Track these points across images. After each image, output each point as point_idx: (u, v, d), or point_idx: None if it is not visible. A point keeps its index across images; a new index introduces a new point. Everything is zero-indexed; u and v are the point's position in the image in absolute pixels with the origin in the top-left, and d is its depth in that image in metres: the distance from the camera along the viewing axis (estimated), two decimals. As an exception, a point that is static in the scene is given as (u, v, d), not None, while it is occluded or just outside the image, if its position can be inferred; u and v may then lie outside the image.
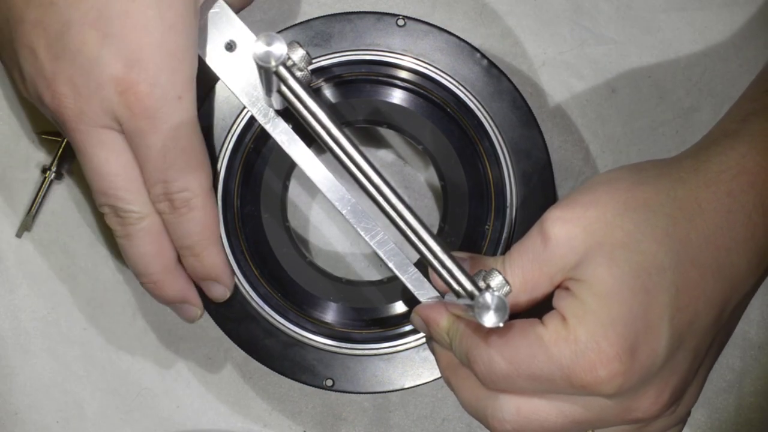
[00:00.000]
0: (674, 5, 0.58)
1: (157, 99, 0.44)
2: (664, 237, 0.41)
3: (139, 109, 0.44)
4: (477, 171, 0.53)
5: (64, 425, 0.56)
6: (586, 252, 0.41)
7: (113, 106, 0.44)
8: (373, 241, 0.48)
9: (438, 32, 0.52)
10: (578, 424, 0.42)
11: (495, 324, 0.39)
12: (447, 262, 0.43)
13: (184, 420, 0.57)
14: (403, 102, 0.54)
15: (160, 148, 0.45)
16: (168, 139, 0.45)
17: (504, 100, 0.52)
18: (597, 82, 0.57)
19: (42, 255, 0.57)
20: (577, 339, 0.39)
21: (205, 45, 0.48)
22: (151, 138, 0.45)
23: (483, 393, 0.43)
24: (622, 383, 0.39)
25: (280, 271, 0.54)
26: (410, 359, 0.51)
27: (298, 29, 0.52)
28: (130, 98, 0.44)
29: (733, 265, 0.42)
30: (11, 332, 0.57)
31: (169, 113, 0.45)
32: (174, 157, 0.46)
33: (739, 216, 0.42)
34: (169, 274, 0.49)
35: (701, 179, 0.43)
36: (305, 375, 0.51)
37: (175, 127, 0.45)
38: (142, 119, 0.44)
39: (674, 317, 0.40)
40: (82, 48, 0.43)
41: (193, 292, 0.51)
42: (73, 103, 0.44)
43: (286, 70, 0.41)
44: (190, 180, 0.47)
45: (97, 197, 0.47)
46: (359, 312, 0.54)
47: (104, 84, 0.44)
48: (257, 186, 0.54)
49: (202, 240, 0.49)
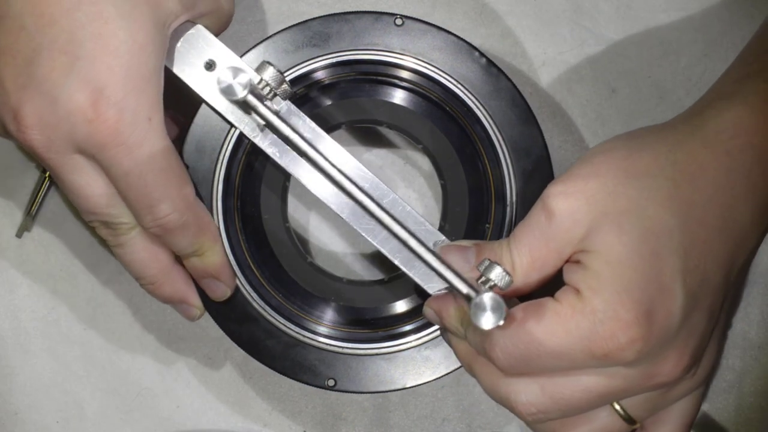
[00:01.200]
0: (674, 5, 0.58)
1: (127, 124, 0.43)
2: (668, 200, 0.41)
3: (110, 138, 0.43)
4: (476, 169, 0.53)
5: (64, 425, 0.56)
6: (591, 223, 0.41)
7: (82, 137, 0.43)
8: (376, 240, 0.48)
9: (436, 31, 0.52)
10: (603, 396, 0.42)
11: (493, 325, 0.39)
12: (437, 266, 0.43)
13: (184, 420, 0.57)
14: (402, 101, 0.54)
15: (137, 174, 0.45)
16: (143, 162, 0.44)
17: (503, 99, 0.52)
18: (597, 82, 0.57)
19: (42, 255, 0.57)
20: (594, 309, 0.40)
21: (184, 66, 0.48)
22: (126, 164, 0.44)
23: (504, 378, 0.43)
24: (642, 348, 0.40)
25: (281, 272, 0.54)
26: (412, 358, 0.51)
27: (296, 30, 0.52)
28: (99, 127, 0.43)
29: (736, 222, 0.42)
30: (11, 332, 0.57)
31: (141, 136, 0.44)
32: (154, 178, 0.45)
33: (738, 175, 0.42)
34: (166, 276, 0.49)
35: (699, 141, 0.43)
36: (307, 375, 0.51)
37: (149, 149, 0.44)
38: (113, 147, 0.43)
39: (686, 278, 0.40)
40: (49, 75, 0.43)
41: (192, 292, 0.51)
42: (40, 135, 0.43)
43: (254, 97, 0.42)
44: (175, 199, 0.46)
45: (84, 215, 0.47)
46: (360, 311, 0.54)
47: (71, 113, 0.43)
48: (257, 187, 0.54)
49: (202, 245, 0.49)
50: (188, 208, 0.47)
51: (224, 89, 0.40)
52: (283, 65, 0.52)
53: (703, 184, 0.42)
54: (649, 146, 0.43)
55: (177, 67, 0.48)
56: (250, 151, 0.53)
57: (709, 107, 0.44)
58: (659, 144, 0.43)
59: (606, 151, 0.43)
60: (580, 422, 0.45)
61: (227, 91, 0.40)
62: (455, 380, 0.56)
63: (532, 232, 0.42)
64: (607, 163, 0.43)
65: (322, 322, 0.53)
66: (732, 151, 0.43)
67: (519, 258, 0.43)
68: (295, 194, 0.57)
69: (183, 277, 0.50)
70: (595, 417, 0.45)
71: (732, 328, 0.56)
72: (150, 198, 0.45)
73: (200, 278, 0.50)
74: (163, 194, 0.46)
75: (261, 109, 0.43)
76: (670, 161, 0.42)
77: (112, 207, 0.46)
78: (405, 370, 0.51)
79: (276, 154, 0.49)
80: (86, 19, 0.42)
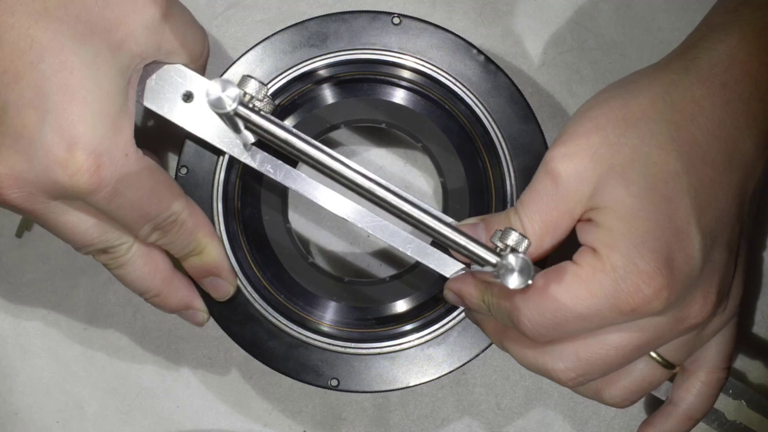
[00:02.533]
0: (674, 5, 0.58)
1: (106, 167, 0.43)
2: (670, 143, 0.41)
3: (93, 185, 0.43)
4: (476, 167, 0.53)
5: (64, 425, 0.56)
6: (598, 179, 0.41)
7: (64, 189, 0.43)
8: (384, 236, 0.48)
9: (434, 29, 0.52)
10: (638, 349, 0.43)
11: (521, 285, 0.38)
12: (457, 239, 0.43)
13: (184, 420, 0.57)
14: (401, 100, 0.54)
15: (129, 205, 0.45)
16: (133, 192, 0.45)
17: (502, 96, 0.52)
18: (597, 82, 0.57)
19: (42, 255, 0.57)
20: (614, 266, 0.40)
21: (162, 103, 0.48)
22: (116, 201, 0.44)
23: (537, 348, 0.43)
24: (669, 295, 0.40)
25: (283, 273, 0.54)
26: (414, 357, 0.51)
27: (294, 30, 0.52)
28: (80, 178, 0.42)
29: (741, 153, 0.42)
30: (11, 332, 0.57)
31: (123, 173, 0.44)
32: (147, 201, 0.45)
33: (737, 105, 0.42)
34: (169, 285, 0.50)
35: (693, 77, 0.43)
36: (310, 376, 0.51)
37: (135, 180, 0.44)
38: (98, 192, 0.43)
39: (700, 218, 0.40)
40: (21, 132, 0.42)
41: (196, 296, 0.51)
42: (19, 191, 0.43)
43: (245, 108, 0.41)
44: (171, 207, 0.47)
45: (78, 249, 0.47)
46: (362, 311, 0.54)
47: (49, 168, 0.42)
48: (257, 188, 0.54)
49: (200, 241, 0.49)
50: (182, 208, 0.47)
51: (213, 102, 0.40)
52: (282, 66, 0.52)
53: (704, 121, 0.42)
54: (645, 90, 0.43)
55: (155, 104, 0.48)
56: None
57: (702, 40, 0.44)
58: (654, 86, 0.43)
59: (602, 103, 0.43)
60: (620, 376, 0.45)
61: (216, 104, 0.40)
62: (455, 380, 0.56)
63: (540, 197, 0.42)
64: (605, 116, 0.42)
65: (323, 322, 0.53)
66: (728, 82, 0.42)
67: (530, 224, 0.42)
68: (295, 195, 0.57)
69: (185, 283, 0.50)
70: (635, 369, 0.45)
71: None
72: (146, 217, 0.46)
73: (202, 278, 0.50)
74: (157, 210, 0.46)
75: (254, 118, 0.42)
76: (667, 103, 0.42)
77: (106, 234, 0.46)
78: (408, 369, 0.51)
79: (270, 171, 0.49)
80: (51, 71, 0.42)
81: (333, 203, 0.49)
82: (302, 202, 0.57)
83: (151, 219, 0.46)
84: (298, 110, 0.54)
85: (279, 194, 0.54)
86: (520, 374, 0.56)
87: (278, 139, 0.43)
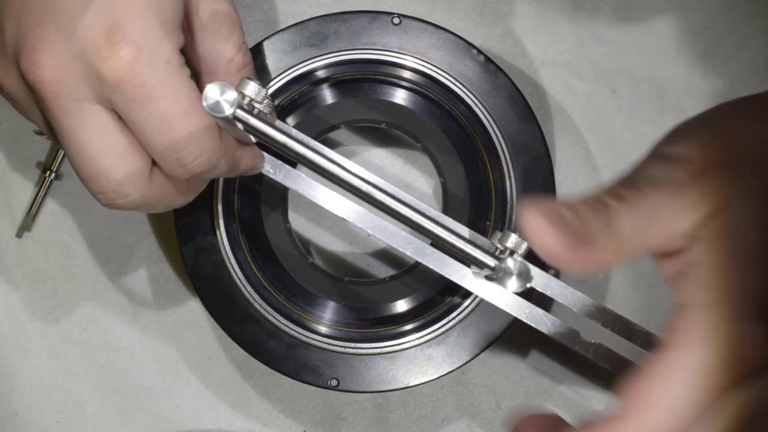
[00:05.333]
0: (674, 5, 0.58)
1: (144, 64, 0.40)
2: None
3: (126, 77, 0.40)
4: (476, 167, 0.53)
5: (64, 425, 0.56)
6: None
7: (94, 75, 0.40)
8: (384, 236, 0.47)
9: (434, 29, 0.52)
10: None
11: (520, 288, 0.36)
12: (454, 241, 0.42)
13: (184, 420, 0.57)
14: (400, 100, 0.54)
15: (159, 118, 0.41)
16: (166, 106, 0.40)
17: (502, 96, 0.52)
18: (597, 82, 0.57)
19: (42, 255, 0.57)
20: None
21: None
22: (146, 108, 0.40)
23: None
24: None
25: (283, 273, 0.54)
26: (414, 357, 0.51)
27: (293, 30, 0.52)
28: (113, 65, 0.39)
29: None
30: (11, 332, 0.57)
31: (160, 78, 0.40)
32: (179, 123, 0.41)
33: None
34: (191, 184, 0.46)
35: None
36: (310, 376, 0.51)
37: (171, 92, 0.41)
38: (130, 88, 0.40)
39: None
40: (67, 8, 0.39)
41: (248, 152, 0.46)
42: (51, 73, 0.40)
43: (243, 112, 0.41)
44: (202, 142, 0.42)
45: (86, 184, 0.43)
46: (362, 311, 0.54)
47: (85, 49, 0.40)
48: (257, 188, 0.54)
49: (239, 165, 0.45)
50: (213, 146, 0.43)
51: (211, 106, 0.39)
52: (281, 66, 0.52)
53: None
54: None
55: None
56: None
57: None
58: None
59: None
60: None
61: (214, 108, 0.39)
62: (455, 380, 0.56)
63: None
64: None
65: (323, 322, 0.53)
66: None
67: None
68: (295, 195, 0.57)
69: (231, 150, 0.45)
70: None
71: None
72: (175, 144, 0.41)
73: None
74: (188, 140, 0.41)
75: (252, 122, 0.41)
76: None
77: (115, 171, 0.42)
78: (408, 368, 0.51)
79: (269, 171, 0.48)
80: None
81: (333, 203, 0.48)
82: (302, 202, 0.57)
83: (179, 150, 0.41)
84: (298, 110, 0.54)
85: (279, 194, 0.54)
86: (520, 374, 0.56)
87: (277, 142, 0.43)
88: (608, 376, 0.57)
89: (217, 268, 0.52)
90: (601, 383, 0.57)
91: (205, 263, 0.52)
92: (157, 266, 0.57)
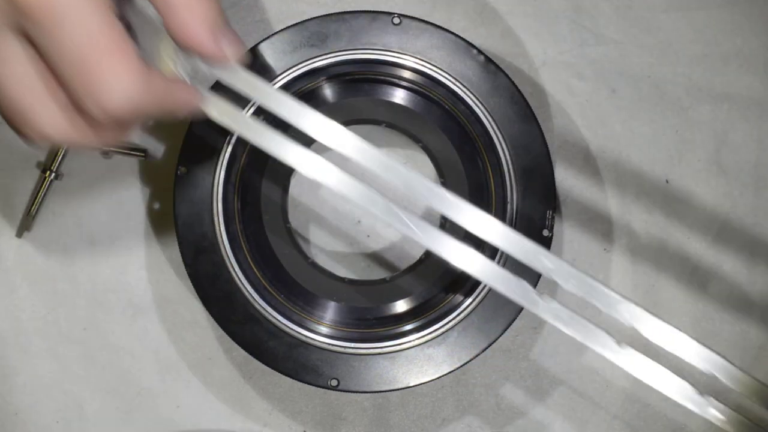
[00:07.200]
0: (674, 5, 0.58)
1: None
2: None
3: (38, 6, 0.35)
4: (476, 167, 0.53)
5: (64, 425, 0.56)
6: None
7: (5, 5, 0.35)
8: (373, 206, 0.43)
9: (434, 30, 0.52)
10: None
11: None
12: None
13: (184, 420, 0.57)
14: (401, 100, 0.54)
15: (70, 49, 0.36)
16: (79, 35, 0.36)
17: (502, 96, 0.52)
18: (597, 82, 0.57)
19: (42, 255, 0.57)
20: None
21: None
22: (56, 36, 0.36)
23: None
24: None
25: (283, 273, 0.54)
26: (414, 357, 0.51)
27: (293, 30, 0.52)
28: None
29: None
30: (11, 332, 0.57)
31: (76, 7, 0.35)
32: (93, 55, 0.36)
33: None
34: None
35: None
36: (310, 376, 0.51)
37: (84, 19, 0.36)
38: (39, 12, 0.35)
39: None
40: None
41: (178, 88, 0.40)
42: None
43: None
44: (122, 79, 0.36)
45: (4, 119, 0.38)
46: (362, 311, 0.54)
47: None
48: (258, 188, 0.54)
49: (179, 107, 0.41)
50: (141, 88, 0.37)
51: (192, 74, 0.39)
52: (282, 66, 0.52)
53: None
54: None
55: None
56: (250, 150, 0.53)
57: None
58: None
59: None
60: None
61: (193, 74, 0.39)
62: (455, 380, 0.56)
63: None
64: None
65: (323, 322, 0.53)
66: None
67: None
68: (295, 195, 0.57)
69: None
70: None
71: (732, 327, 0.56)
72: (91, 82, 0.36)
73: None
74: (106, 76, 0.36)
75: (243, 75, 0.38)
76: None
77: (31, 109, 0.38)
78: (408, 369, 0.51)
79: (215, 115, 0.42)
80: None
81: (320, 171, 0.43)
82: (302, 202, 0.57)
83: (95, 88, 0.36)
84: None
85: (279, 194, 0.54)
86: (520, 374, 0.56)
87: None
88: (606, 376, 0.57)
89: (217, 268, 0.52)
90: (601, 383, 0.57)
91: (205, 263, 0.52)
92: (156, 266, 0.57)
